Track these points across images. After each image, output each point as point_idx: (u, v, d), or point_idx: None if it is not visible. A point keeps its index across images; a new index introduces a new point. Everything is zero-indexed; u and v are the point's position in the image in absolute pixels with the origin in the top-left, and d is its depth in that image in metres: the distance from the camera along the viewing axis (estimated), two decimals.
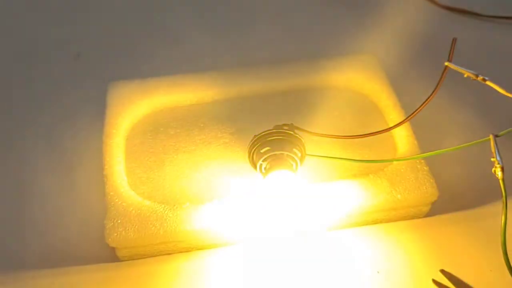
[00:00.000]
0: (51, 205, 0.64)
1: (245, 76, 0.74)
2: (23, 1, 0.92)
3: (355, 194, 0.60)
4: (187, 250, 0.60)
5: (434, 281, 0.57)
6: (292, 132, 0.60)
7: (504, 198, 0.54)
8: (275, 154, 0.59)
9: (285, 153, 0.59)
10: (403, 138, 0.65)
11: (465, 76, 0.62)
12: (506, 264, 0.54)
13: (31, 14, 0.90)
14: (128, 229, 0.58)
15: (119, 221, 0.58)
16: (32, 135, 0.72)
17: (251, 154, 0.60)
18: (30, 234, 0.62)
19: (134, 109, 0.69)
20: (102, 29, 0.87)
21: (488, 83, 0.60)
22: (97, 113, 0.70)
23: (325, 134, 0.64)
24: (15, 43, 0.85)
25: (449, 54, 0.65)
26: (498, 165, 0.55)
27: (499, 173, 0.54)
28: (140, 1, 0.92)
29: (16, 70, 0.81)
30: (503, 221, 0.54)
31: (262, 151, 0.59)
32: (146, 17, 0.90)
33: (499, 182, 0.55)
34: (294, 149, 0.59)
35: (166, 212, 0.59)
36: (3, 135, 0.72)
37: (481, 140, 0.57)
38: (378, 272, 0.58)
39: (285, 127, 0.60)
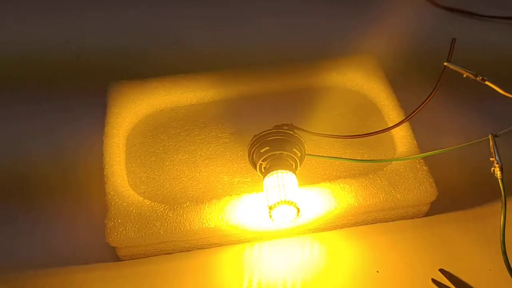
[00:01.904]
0: (52, 204, 0.64)
1: (245, 76, 0.74)
2: (25, 1, 0.92)
3: (355, 194, 0.60)
4: (187, 249, 0.60)
5: (434, 280, 0.57)
6: (292, 132, 0.60)
7: (503, 198, 0.54)
8: (274, 154, 0.59)
9: (285, 153, 0.59)
10: (402, 138, 0.65)
11: (464, 76, 0.63)
12: (505, 264, 0.54)
13: (32, 14, 0.90)
14: (128, 229, 0.58)
15: (119, 220, 0.58)
16: (33, 135, 0.72)
17: (251, 154, 0.60)
18: (31, 233, 0.62)
19: (134, 109, 0.70)
20: (103, 29, 0.87)
21: (487, 83, 0.61)
22: (97, 113, 0.70)
23: (325, 134, 0.64)
24: (15, 43, 0.85)
25: (449, 54, 0.65)
26: (497, 165, 0.55)
27: (498, 173, 0.55)
28: (141, 1, 0.93)
29: (16, 69, 0.81)
30: (502, 220, 0.55)
31: (262, 151, 0.59)
32: (146, 17, 0.90)
33: (498, 181, 0.55)
34: (294, 149, 0.59)
35: (166, 211, 0.59)
36: (3, 135, 0.72)
37: (480, 139, 0.58)
38: (377, 271, 0.58)
39: (285, 127, 0.60)
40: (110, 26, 0.88)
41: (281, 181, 0.57)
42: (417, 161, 0.63)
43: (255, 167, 0.60)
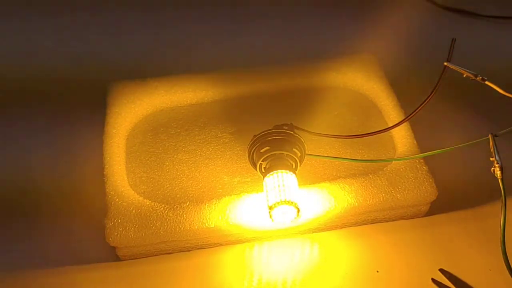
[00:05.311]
0: (52, 205, 0.64)
1: (245, 76, 0.74)
2: (25, 1, 0.92)
3: (355, 194, 0.60)
4: (187, 249, 0.61)
5: (434, 280, 0.57)
6: (291, 132, 0.60)
7: (503, 198, 0.54)
8: (274, 154, 0.59)
9: (285, 152, 0.59)
10: (402, 138, 0.65)
11: (464, 76, 0.63)
12: (505, 264, 0.55)
13: (32, 13, 0.90)
14: (128, 229, 0.58)
15: (119, 220, 0.58)
16: (33, 135, 0.72)
17: (251, 154, 0.60)
18: (31, 233, 0.62)
19: (134, 109, 0.70)
20: (103, 29, 0.87)
21: (487, 83, 0.61)
22: (97, 113, 0.70)
23: (325, 134, 0.64)
24: (15, 43, 0.86)
25: (448, 54, 0.65)
26: (497, 165, 0.55)
27: (498, 173, 0.55)
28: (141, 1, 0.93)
29: (16, 70, 0.81)
30: (502, 220, 0.55)
31: (262, 150, 0.59)
32: (146, 17, 0.90)
33: (498, 181, 0.55)
34: (294, 149, 0.59)
35: (166, 211, 0.59)
36: (4, 135, 0.72)
37: (480, 139, 0.58)
38: (377, 271, 0.58)
39: (285, 127, 0.60)
40: (110, 27, 0.88)
41: (281, 181, 0.57)
42: (417, 161, 0.63)
43: (255, 167, 0.60)
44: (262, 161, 0.59)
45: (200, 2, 0.92)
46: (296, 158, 0.59)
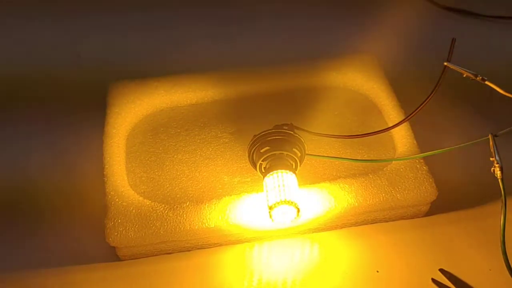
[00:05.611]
0: (52, 205, 0.64)
1: (245, 76, 0.74)
2: (24, 1, 0.92)
3: (355, 194, 0.60)
4: (187, 249, 0.61)
5: (434, 280, 0.57)
6: (291, 132, 0.60)
7: (503, 198, 0.54)
8: (274, 154, 0.59)
9: (285, 152, 0.59)
10: (402, 138, 0.65)
11: (464, 76, 0.63)
12: (505, 264, 0.55)
13: (32, 14, 0.90)
14: (128, 229, 0.58)
15: (119, 220, 0.58)
16: (33, 134, 0.72)
17: (251, 154, 0.60)
18: (31, 233, 0.62)
19: (134, 109, 0.70)
20: (103, 29, 0.88)
21: (487, 83, 0.61)
22: (97, 113, 0.70)
23: (325, 134, 0.64)
24: (15, 43, 0.86)
25: (449, 54, 0.65)
26: (497, 165, 0.55)
27: (498, 173, 0.55)
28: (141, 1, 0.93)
29: (17, 70, 0.81)
30: (502, 220, 0.55)
31: (262, 150, 0.59)
32: (146, 17, 0.90)
33: (498, 181, 0.55)
34: (294, 149, 0.59)
35: (166, 211, 0.59)
36: (4, 135, 0.72)
37: (480, 139, 0.58)
38: (377, 271, 0.58)
39: (285, 127, 0.60)
40: (111, 27, 0.88)
41: (281, 181, 0.57)
42: (417, 161, 0.63)
43: (255, 167, 0.60)
44: (262, 161, 0.59)
45: (200, 2, 0.92)
46: (296, 158, 0.59)
